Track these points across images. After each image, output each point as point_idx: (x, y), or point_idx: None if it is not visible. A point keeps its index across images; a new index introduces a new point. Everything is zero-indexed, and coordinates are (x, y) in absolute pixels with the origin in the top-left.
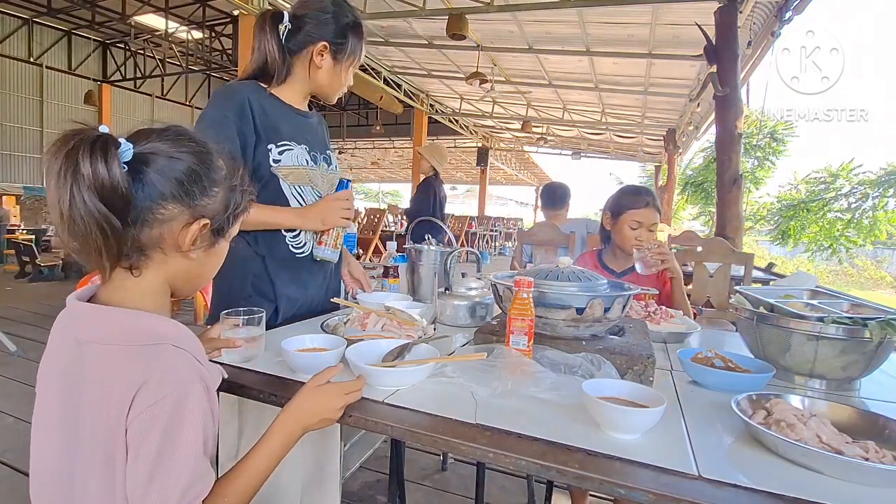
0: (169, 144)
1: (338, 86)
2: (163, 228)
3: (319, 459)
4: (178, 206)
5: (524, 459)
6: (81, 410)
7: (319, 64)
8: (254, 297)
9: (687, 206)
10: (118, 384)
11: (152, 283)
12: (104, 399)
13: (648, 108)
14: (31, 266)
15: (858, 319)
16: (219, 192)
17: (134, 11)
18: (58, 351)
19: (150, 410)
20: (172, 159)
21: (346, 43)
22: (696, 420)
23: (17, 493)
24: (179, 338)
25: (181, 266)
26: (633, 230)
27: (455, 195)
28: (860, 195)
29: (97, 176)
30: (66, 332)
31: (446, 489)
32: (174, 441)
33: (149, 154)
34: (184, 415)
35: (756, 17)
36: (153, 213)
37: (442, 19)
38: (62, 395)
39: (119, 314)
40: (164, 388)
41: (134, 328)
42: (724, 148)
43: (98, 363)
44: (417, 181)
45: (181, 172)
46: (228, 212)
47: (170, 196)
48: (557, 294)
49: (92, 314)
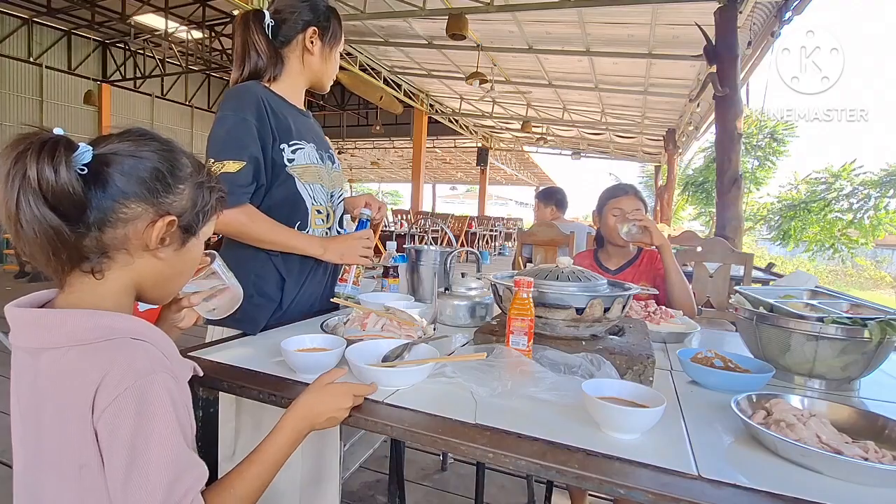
0: (129, 144)
1: (331, 70)
2: (127, 228)
3: (319, 460)
4: (141, 204)
5: (524, 459)
6: (43, 427)
7: (312, 50)
8: (255, 297)
9: (687, 206)
10: (76, 388)
11: (114, 284)
12: (65, 408)
13: (648, 109)
14: (31, 266)
15: (858, 319)
16: (185, 190)
17: (134, 11)
18: (14, 367)
19: (112, 406)
20: (134, 158)
21: (331, 24)
22: (696, 420)
23: None
24: (139, 331)
25: (150, 267)
26: (616, 216)
27: (455, 195)
28: (861, 196)
29: (44, 180)
30: (16, 343)
31: (446, 489)
32: (147, 434)
33: (109, 154)
34: (153, 405)
35: (756, 17)
36: (115, 213)
37: (442, 19)
38: (23, 413)
39: (72, 316)
40: (124, 381)
41: (88, 327)
42: (724, 148)
43: (53, 371)
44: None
45: (144, 170)
46: (197, 208)
47: (132, 195)
48: (557, 294)
49: (40, 320)
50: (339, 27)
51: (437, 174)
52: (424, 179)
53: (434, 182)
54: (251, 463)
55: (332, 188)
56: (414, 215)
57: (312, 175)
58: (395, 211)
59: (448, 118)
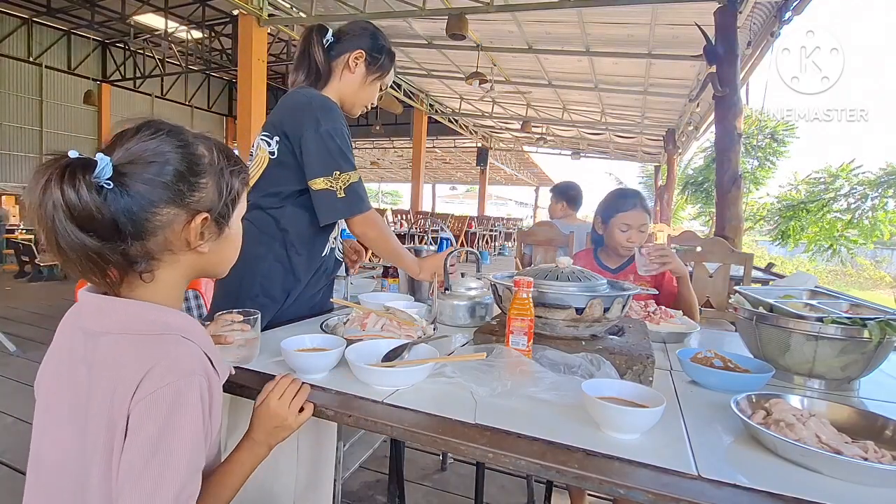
0: (146, 146)
1: (364, 97)
2: (165, 233)
3: (315, 464)
4: (172, 208)
5: (524, 459)
6: (91, 400)
7: (353, 69)
8: (260, 298)
9: (686, 206)
10: (126, 371)
11: (166, 282)
12: (111, 387)
13: (648, 109)
14: (31, 266)
15: (858, 319)
16: (208, 182)
17: (133, 11)
18: (67, 344)
19: (151, 397)
20: (153, 164)
21: (381, 58)
22: (696, 420)
23: (16, 493)
24: (189, 330)
25: (196, 259)
26: (623, 232)
27: (455, 195)
28: (860, 195)
29: (73, 208)
30: (76, 324)
31: (446, 489)
32: (174, 428)
33: (127, 164)
34: (185, 405)
35: (756, 17)
36: (150, 222)
37: (442, 19)
38: (72, 387)
39: (130, 306)
40: (168, 377)
41: (145, 319)
42: (724, 148)
43: (108, 353)
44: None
45: (166, 175)
46: (224, 198)
47: (160, 202)
48: (557, 294)
49: (103, 306)
50: (391, 66)
51: (437, 174)
52: (424, 179)
53: (434, 182)
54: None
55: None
56: (414, 215)
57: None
58: (395, 211)
59: (448, 118)
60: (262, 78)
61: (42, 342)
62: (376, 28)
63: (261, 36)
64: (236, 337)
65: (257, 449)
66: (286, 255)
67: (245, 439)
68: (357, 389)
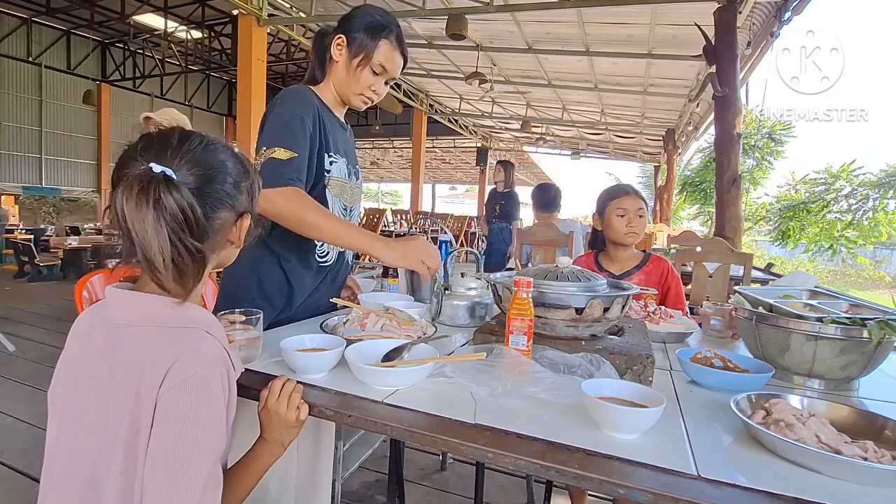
0: (206, 157)
1: (355, 85)
2: (220, 235)
3: (314, 464)
4: (226, 212)
5: (524, 459)
6: (113, 391)
7: (336, 57)
8: (257, 301)
9: (686, 206)
10: (151, 362)
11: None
12: (136, 377)
13: (647, 109)
14: (30, 266)
15: (857, 319)
16: (243, 184)
17: (133, 11)
18: (84, 342)
19: (178, 387)
20: (219, 173)
21: (360, 36)
22: (696, 420)
23: (16, 493)
24: (210, 324)
25: (225, 254)
26: (621, 217)
27: (455, 195)
28: (860, 196)
29: (183, 211)
30: (98, 319)
31: (446, 489)
32: (201, 416)
33: (197, 170)
34: (210, 393)
35: (756, 17)
36: (212, 225)
37: (441, 19)
38: (91, 382)
39: (153, 300)
40: (193, 367)
41: (167, 313)
42: (723, 148)
43: (132, 344)
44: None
45: (228, 182)
46: (253, 196)
47: (220, 207)
48: (557, 294)
49: (127, 300)
50: (373, 43)
51: (437, 174)
52: (424, 179)
53: (434, 182)
54: (236, 477)
55: (350, 204)
56: (413, 215)
57: (339, 189)
58: (395, 211)
59: (448, 118)
60: (262, 78)
61: (42, 342)
62: (359, 8)
63: (260, 36)
64: (238, 336)
65: (271, 447)
66: (277, 261)
67: (259, 440)
68: (357, 389)
